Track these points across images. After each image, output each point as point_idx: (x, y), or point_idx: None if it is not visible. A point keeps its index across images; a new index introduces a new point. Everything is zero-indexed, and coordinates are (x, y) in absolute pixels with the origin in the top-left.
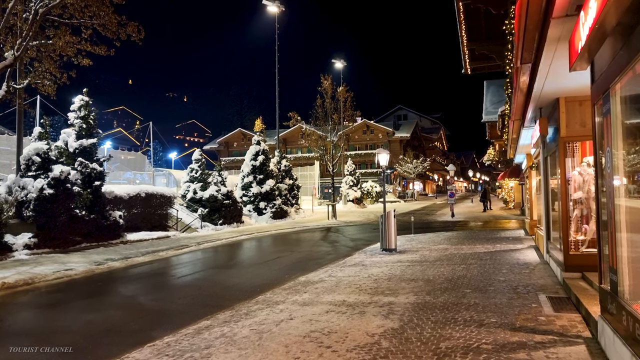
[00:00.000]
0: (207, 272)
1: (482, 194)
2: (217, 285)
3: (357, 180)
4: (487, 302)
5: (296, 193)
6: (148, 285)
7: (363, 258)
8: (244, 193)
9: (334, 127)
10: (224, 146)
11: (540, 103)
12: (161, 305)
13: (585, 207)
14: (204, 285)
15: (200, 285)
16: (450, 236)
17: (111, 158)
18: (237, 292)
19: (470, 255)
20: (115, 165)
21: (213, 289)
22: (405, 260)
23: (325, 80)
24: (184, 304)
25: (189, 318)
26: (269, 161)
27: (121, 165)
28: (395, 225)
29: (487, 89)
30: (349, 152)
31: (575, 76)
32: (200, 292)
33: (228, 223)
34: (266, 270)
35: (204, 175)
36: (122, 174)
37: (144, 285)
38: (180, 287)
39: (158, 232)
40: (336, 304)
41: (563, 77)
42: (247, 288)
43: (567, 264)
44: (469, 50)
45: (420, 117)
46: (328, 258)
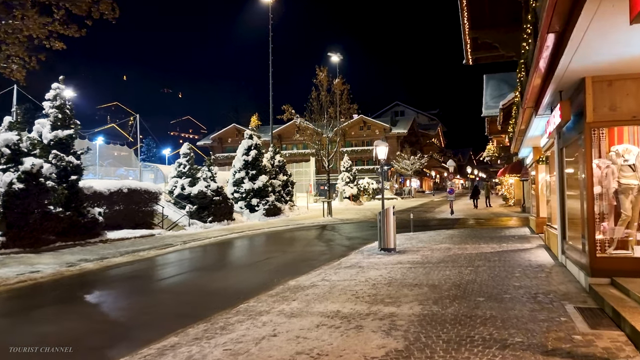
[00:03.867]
0: (189, 275)
1: (473, 191)
2: (197, 291)
3: (354, 176)
4: (506, 315)
5: (290, 189)
6: (120, 291)
7: (360, 259)
8: (236, 189)
9: (329, 121)
10: (218, 142)
11: (562, 85)
12: (129, 316)
13: (606, 204)
14: (182, 291)
15: (178, 291)
16: (452, 234)
17: (90, 151)
18: (218, 299)
19: (477, 255)
20: (108, 161)
21: (192, 295)
22: (405, 261)
23: (321, 72)
24: (155, 313)
25: (157, 332)
26: (262, 156)
27: (114, 162)
28: (394, 223)
29: (486, 83)
30: (345, 149)
31: (612, 48)
32: (176, 299)
33: (218, 220)
34: (254, 272)
35: (192, 170)
36: (114, 170)
37: (116, 290)
38: (156, 293)
39: (142, 230)
40: (329, 315)
41: (598, 49)
42: (230, 294)
43: (593, 268)
44: (471, 39)
45: (418, 113)
46: (322, 259)
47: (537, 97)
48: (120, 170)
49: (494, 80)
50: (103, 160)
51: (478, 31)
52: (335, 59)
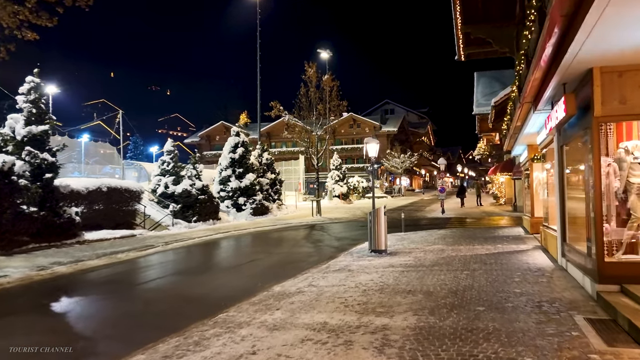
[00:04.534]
0: (168, 280)
1: (460, 190)
2: (174, 298)
3: (344, 175)
4: (511, 328)
5: (279, 188)
6: (91, 298)
7: (349, 261)
8: (222, 188)
9: (318, 118)
10: (206, 140)
11: (567, 76)
12: (96, 327)
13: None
14: (158, 298)
15: (154, 298)
16: (444, 235)
17: (66, 147)
18: (196, 307)
19: (471, 258)
20: (94, 159)
21: (168, 302)
22: (397, 264)
23: (310, 67)
24: (126, 324)
25: (125, 347)
26: (249, 154)
27: (100, 160)
28: (385, 223)
29: (477, 80)
30: (335, 147)
31: (628, 33)
32: (151, 308)
33: (203, 220)
34: (237, 277)
35: (176, 168)
36: (100, 168)
37: (87, 297)
38: (130, 300)
39: (122, 231)
40: (315, 327)
41: (612, 33)
42: (210, 301)
43: (602, 274)
44: (464, 35)
45: (407, 111)
46: (310, 261)
47: (537, 91)
48: (106, 168)
49: (485, 77)
50: (89, 158)
51: (470, 26)
52: (324, 55)
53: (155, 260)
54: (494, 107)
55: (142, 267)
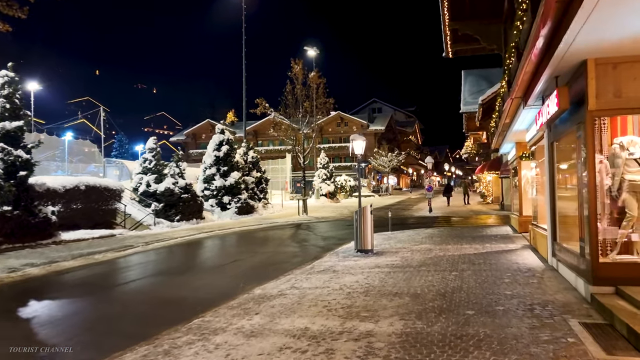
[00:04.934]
0: (145, 282)
1: (446, 188)
2: (149, 301)
3: (331, 173)
4: (503, 334)
5: (264, 187)
6: (62, 301)
7: (334, 262)
8: (206, 186)
9: (305, 116)
10: (192, 138)
11: (560, 69)
12: (62, 334)
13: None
14: (132, 301)
15: (128, 301)
16: (432, 234)
17: (41, 144)
18: (172, 311)
19: (460, 258)
20: (78, 158)
21: (142, 307)
22: (384, 264)
23: (296, 64)
24: (95, 331)
25: (91, 357)
26: (234, 152)
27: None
28: (372, 222)
29: (465, 79)
30: (322, 145)
31: (626, 20)
32: (124, 312)
33: (186, 219)
34: (217, 278)
35: (159, 166)
36: (85, 166)
37: (58, 300)
38: (103, 304)
39: (101, 230)
40: (295, 334)
41: (611, 21)
42: (186, 305)
43: (596, 276)
44: (451, 31)
45: (395, 110)
46: (294, 261)
47: (528, 85)
48: (90, 167)
49: (473, 76)
50: (73, 156)
51: (458, 22)
52: (311, 53)
53: (134, 261)
54: (482, 105)
55: (120, 268)
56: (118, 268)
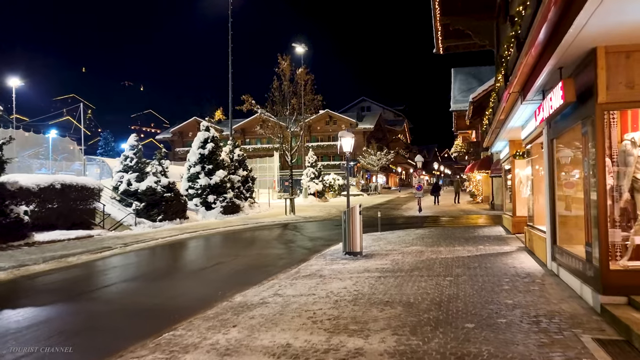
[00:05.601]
0: (118, 288)
1: (434, 188)
2: (120, 311)
3: (319, 172)
4: (509, 353)
5: (251, 185)
6: (22, 310)
7: (322, 265)
8: (190, 185)
9: (292, 112)
10: (179, 136)
11: (565, 58)
12: (15, 351)
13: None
14: (101, 311)
15: (96, 311)
16: (423, 235)
17: (13, 140)
18: (143, 323)
19: (453, 261)
20: (63, 155)
21: (111, 317)
22: (373, 268)
23: (284, 60)
24: (54, 347)
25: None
26: (219, 150)
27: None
28: (361, 223)
29: (454, 77)
30: (310, 144)
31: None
32: (88, 324)
33: (169, 219)
34: (197, 283)
35: (140, 164)
36: (69, 164)
37: (19, 309)
38: (67, 314)
39: (79, 231)
40: (275, 352)
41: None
42: (159, 315)
43: (607, 284)
44: (442, 26)
45: (384, 109)
46: (279, 264)
47: (528, 78)
48: (75, 165)
49: (462, 74)
50: (57, 154)
51: (450, 17)
52: (299, 50)
53: (110, 263)
54: (472, 103)
55: (94, 273)
56: (92, 272)
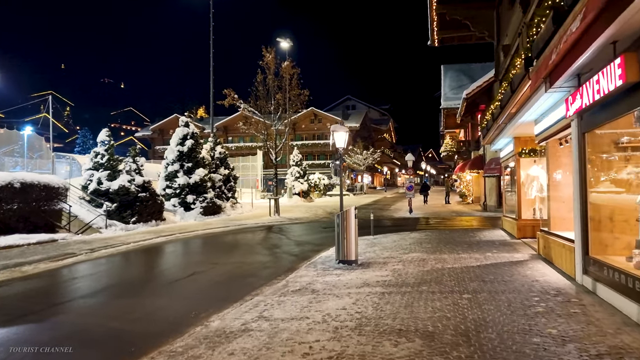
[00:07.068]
0: (71, 306)
1: (423, 187)
2: (66, 339)
3: (304, 171)
4: None
5: (233, 185)
6: None
7: (313, 276)
8: (168, 184)
9: (277, 108)
10: (159, 134)
11: (626, 27)
12: None
13: None
14: (39, 341)
15: (32, 341)
16: (420, 239)
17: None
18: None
19: (463, 272)
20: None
21: (48, 352)
22: (373, 281)
23: (268, 53)
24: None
25: None
26: (199, 147)
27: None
28: (356, 228)
29: (444, 74)
30: (295, 142)
31: None
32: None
33: (144, 221)
34: (167, 300)
35: (112, 161)
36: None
37: None
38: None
39: (41, 235)
40: None
41: None
42: (112, 349)
43: None
44: (439, 15)
45: (369, 107)
46: (263, 275)
47: (563, 58)
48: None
49: (453, 71)
50: (34, 152)
51: (447, 6)
52: (284, 45)
53: (71, 274)
54: (466, 100)
55: (49, 285)
56: (47, 285)
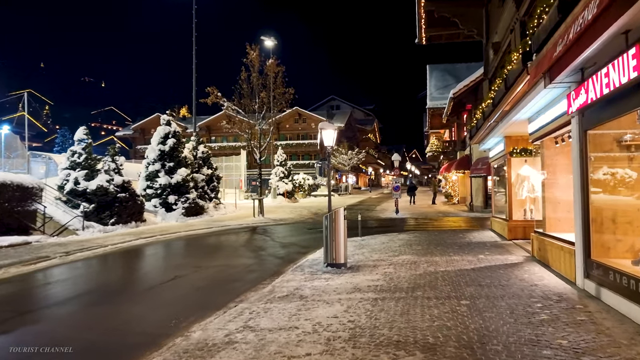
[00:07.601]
0: (41, 315)
1: (410, 188)
2: (38, 355)
3: (289, 171)
4: None
5: (216, 185)
6: None
7: (300, 281)
8: (149, 184)
9: (262, 107)
10: (140, 133)
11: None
12: None
13: None
14: (4, 358)
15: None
16: (409, 240)
17: None
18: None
19: (457, 275)
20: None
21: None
22: (364, 286)
23: (252, 50)
24: None
25: None
26: (182, 146)
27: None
28: (345, 230)
29: (430, 74)
30: (280, 142)
31: None
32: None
33: (124, 222)
34: (145, 307)
35: (90, 160)
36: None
37: None
38: None
39: (13, 237)
40: None
41: None
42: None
43: None
44: (427, 12)
45: (354, 108)
46: (248, 279)
47: (567, 50)
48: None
49: (438, 70)
50: (11, 151)
51: (435, 3)
52: (269, 43)
53: (44, 278)
54: (453, 99)
55: (19, 292)
56: (17, 291)
